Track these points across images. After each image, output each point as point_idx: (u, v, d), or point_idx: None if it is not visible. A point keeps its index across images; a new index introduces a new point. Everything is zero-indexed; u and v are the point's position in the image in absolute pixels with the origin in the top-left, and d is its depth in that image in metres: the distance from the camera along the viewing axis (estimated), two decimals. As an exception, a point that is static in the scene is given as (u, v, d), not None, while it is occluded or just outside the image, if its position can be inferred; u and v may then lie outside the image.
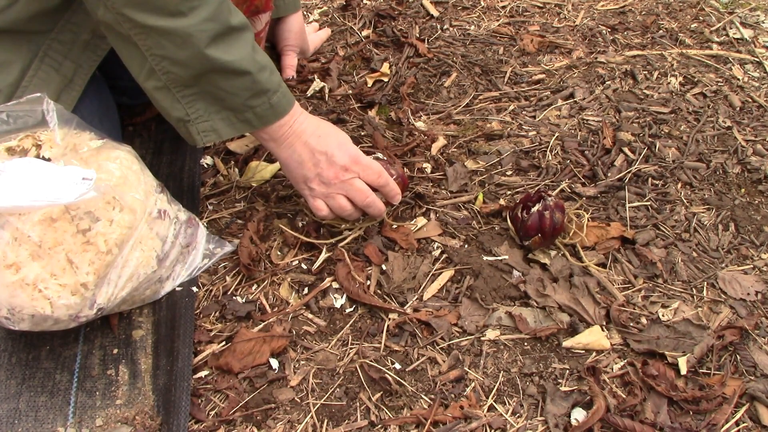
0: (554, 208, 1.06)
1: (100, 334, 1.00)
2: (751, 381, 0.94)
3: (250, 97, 0.97)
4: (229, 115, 0.99)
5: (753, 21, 1.70)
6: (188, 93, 0.96)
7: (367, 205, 1.08)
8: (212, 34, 0.91)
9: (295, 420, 0.91)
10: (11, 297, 0.85)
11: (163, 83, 0.95)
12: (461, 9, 1.74)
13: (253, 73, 0.95)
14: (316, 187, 1.06)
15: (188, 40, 0.90)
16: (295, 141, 1.04)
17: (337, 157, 1.05)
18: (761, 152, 1.31)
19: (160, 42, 0.90)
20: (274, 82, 0.99)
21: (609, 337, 1.00)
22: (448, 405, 0.91)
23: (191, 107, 0.98)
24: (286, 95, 1.01)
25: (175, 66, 0.93)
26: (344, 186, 1.05)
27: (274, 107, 1.00)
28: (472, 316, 1.02)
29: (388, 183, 1.09)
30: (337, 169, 1.05)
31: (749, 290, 1.06)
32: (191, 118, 0.98)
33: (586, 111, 1.40)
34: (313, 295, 1.05)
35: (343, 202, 1.06)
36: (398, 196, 1.11)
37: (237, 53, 0.93)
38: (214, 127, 1.00)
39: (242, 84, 0.96)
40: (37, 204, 0.84)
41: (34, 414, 0.91)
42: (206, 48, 0.91)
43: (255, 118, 1.00)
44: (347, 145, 1.07)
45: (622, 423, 0.88)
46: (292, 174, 1.07)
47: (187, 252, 1.05)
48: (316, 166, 1.05)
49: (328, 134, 1.07)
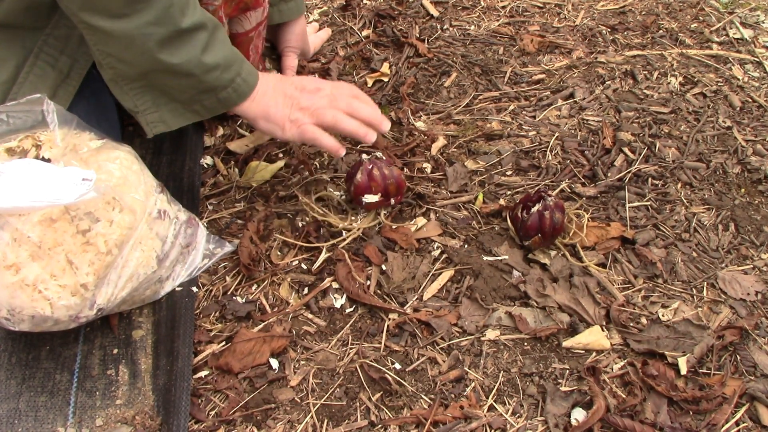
0: (554, 208, 1.06)
1: (100, 334, 1.00)
2: (751, 381, 0.94)
3: (198, 94, 0.99)
4: (177, 107, 1.01)
5: (753, 21, 1.70)
6: (136, 86, 0.97)
7: (355, 109, 1.08)
8: (157, 37, 0.91)
9: (295, 420, 0.91)
10: (11, 298, 0.85)
11: (111, 75, 0.96)
12: (461, 9, 1.74)
13: (198, 75, 0.96)
14: (299, 116, 1.06)
15: (132, 42, 0.90)
16: (264, 95, 1.05)
17: (306, 83, 1.08)
18: (761, 152, 1.31)
19: (104, 40, 0.91)
20: (225, 80, 0.99)
21: (609, 337, 1.00)
22: (448, 405, 0.91)
23: (139, 99, 0.99)
24: (238, 89, 1.01)
25: (120, 63, 0.94)
26: (323, 100, 1.07)
27: (223, 101, 1.01)
28: (472, 316, 1.02)
29: (361, 94, 1.10)
30: (311, 91, 1.07)
31: (749, 290, 1.06)
32: (140, 109, 1.00)
33: (586, 111, 1.40)
34: (313, 295, 1.05)
35: (327, 112, 1.06)
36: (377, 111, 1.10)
37: (183, 56, 0.93)
38: (163, 118, 1.01)
39: (188, 83, 0.97)
40: (37, 205, 0.84)
41: (34, 414, 0.91)
42: (150, 51, 0.91)
43: (203, 109, 1.01)
44: (309, 77, 1.10)
45: (622, 423, 0.88)
46: (273, 120, 1.06)
47: (187, 252, 1.05)
48: (291, 98, 1.06)
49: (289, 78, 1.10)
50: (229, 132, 1.37)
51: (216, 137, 1.36)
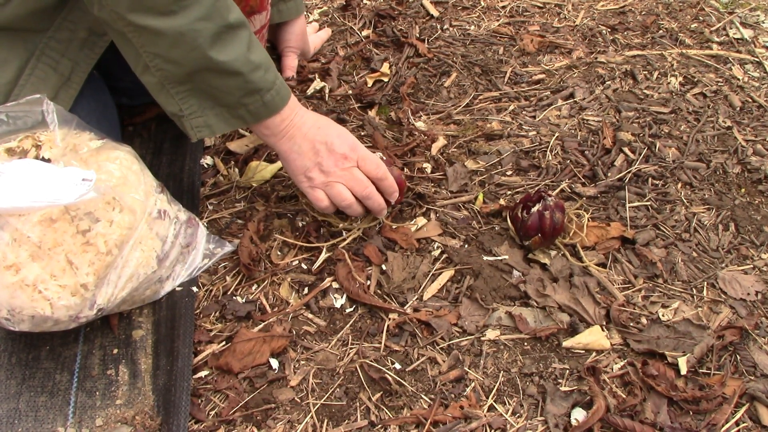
0: (554, 208, 1.06)
1: (100, 334, 1.00)
2: (751, 381, 0.94)
3: (243, 96, 0.98)
4: (222, 111, 1.00)
5: (753, 21, 1.70)
6: (182, 89, 0.97)
7: (366, 196, 1.07)
8: (207, 33, 0.90)
9: (295, 420, 0.91)
10: (11, 298, 0.85)
11: (157, 79, 0.96)
12: (461, 9, 1.74)
13: (244, 73, 0.95)
14: (316, 176, 1.05)
15: (180, 40, 0.90)
16: (296, 133, 1.04)
17: (336, 145, 1.05)
18: (761, 152, 1.31)
19: (152, 40, 0.91)
20: (268, 81, 0.98)
21: (609, 337, 1.00)
22: (448, 405, 0.91)
23: (185, 103, 0.98)
24: (280, 92, 1.01)
25: (168, 63, 0.93)
26: (344, 174, 1.05)
27: (267, 105, 1.00)
28: (472, 316, 1.02)
29: (386, 177, 1.08)
30: (336, 157, 1.04)
31: (749, 290, 1.06)
32: (185, 113, 0.99)
33: (586, 111, 1.40)
34: (313, 295, 1.05)
35: (342, 190, 1.05)
36: (396, 193, 1.10)
37: (231, 53, 0.93)
38: (208, 123, 1.00)
39: (234, 83, 0.96)
40: (37, 205, 0.84)
41: (34, 414, 0.91)
42: (200, 47, 0.91)
43: (248, 115, 1.00)
44: (347, 136, 1.07)
45: (622, 423, 0.88)
46: (291, 166, 1.07)
47: (187, 252, 1.05)
48: (316, 155, 1.04)
49: (328, 126, 1.07)
50: (229, 132, 1.37)
51: (216, 137, 1.36)
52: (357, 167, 1.06)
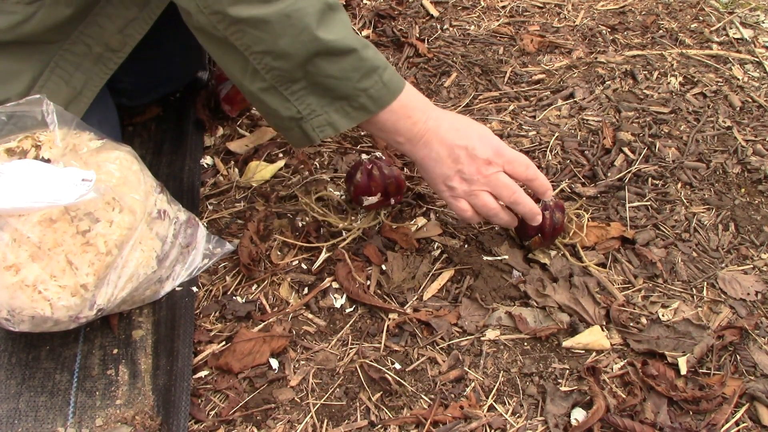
0: (554, 208, 1.06)
1: (100, 334, 1.00)
2: (751, 381, 0.94)
3: (361, 78, 0.91)
4: (342, 105, 0.93)
5: (753, 21, 1.70)
6: (297, 88, 0.92)
7: (515, 202, 0.99)
8: (312, 11, 0.86)
9: (295, 420, 0.91)
10: (11, 298, 0.85)
11: (268, 83, 0.91)
12: (461, 9, 1.74)
13: (358, 49, 0.89)
14: (457, 186, 0.98)
15: (287, 23, 0.85)
16: (432, 138, 0.97)
17: (478, 150, 0.96)
18: (761, 152, 1.31)
19: (258, 36, 0.87)
20: (381, 59, 0.92)
21: (609, 337, 1.00)
22: (448, 405, 0.91)
23: (302, 104, 0.93)
24: (395, 73, 0.94)
25: (278, 59, 0.88)
26: (488, 181, 0.97)
27: (387, 85, 0.93)
28: (472, 316, 1.02)
29: (537, 176, 1.00)
30: (479, 164, 0.97)
31: (749, 290, 1.06)
32: (303, 115, 0.93)
33: (586, 111, 1.40)
34: (313, 295, 1.05)
35: (488, 200, 0.99)
36: (549, 191, 1.03)
37: (339, 31, 0.88)
38: (330, 120, 0.94)
39: (350, 64, 0.90)
40: (37, 205, 0.84)
41: (34, 414, 0.91)
42: (309, 28, 0.86)
43: (370, 102, 0.93)
44: (489, 137, 0.99)
45: (622, 423, 0.88)
46: (429, 174, 1.00)
47: (187, 252, 1.05)
48: (456, 162, 0.97)
49: (468, 126, 0.99)
50: (229, 132, 1.37)
51: (216, 137, 1.36)
52: (503, 171, 0.99)
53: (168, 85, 1.40)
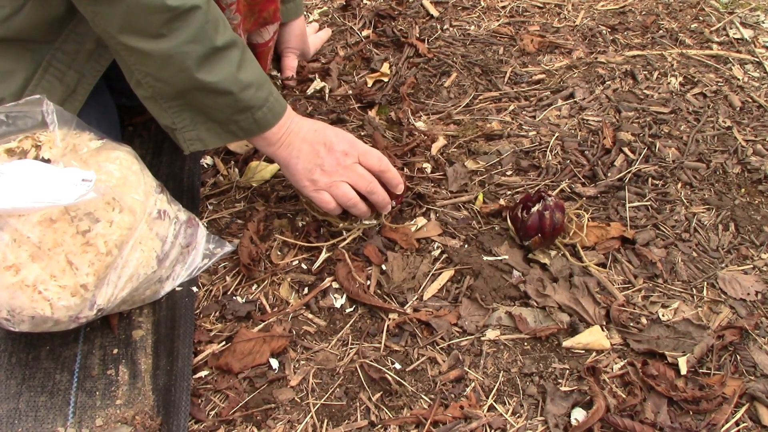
0: (554, 208, 1.06)
1: (100, 334, 1.00)
2: (751, 381, 0.94)
3: (234, 113, 0.98)
4: (214, 126, 1.01)
5: (753, 21, 1.70)
6: (174, 104, 0.98)
7: (371, 191, 1.06)
8: (194, 56, 0.91)
9: (295, 420, 0.91)
10: (11, 298, 0.85)
11: (149, 94, 0.97)
12: (461, 9, 1.74)
13: (235, 93, 0.96)
14: (319, 178, 1.05)
15: (169, 61, 0.91)
16: (294, 139, 1.05)
17: (335, 144, 1.05)
18: (761, 152, 1.31)
19: (143, 60, 0.92)
20: (260, 99, 0.99)
21: (609, 337, 1.00)
22: (448, 405, 0.91)
23: (177, 117, 0.99)
24: (273, 109, 1.01)
25: (158, 82, 0.94)
26: (346, 172, 1.05)
27: (258, 122, 1.00)
28: (472, 316, 1.02)
29: (389, 169, 1.07)
30: (337, 155, 1.04)
31: (749, 290, 1.06)
32: (177, 127, 1.00)
33: (586, 111, 1.40)
34: (313, 295, 1.05)
35: (347, 190, 1.05)
36: (401, 185, 1.09)
37: (219, 74, 0.94)
38: (200, 137, 1.01)
39: (225, 102, 0.96)
40: (37, 205, 0.84)
41: (34, 414, 0.91)
42: (188, 69, 0.92)
43: (239, 131, 1.01)
44: (344, 134, 1.07)
45: (622, 423, 0.88)
46: (292, 171, 1.06)
47: (187, 252, 1.05)
48: (317, 156, 1.04)
49: (325, 128, 1.07)
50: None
51: (216, 137, 1.36)
52: (359, 163, 1.06)
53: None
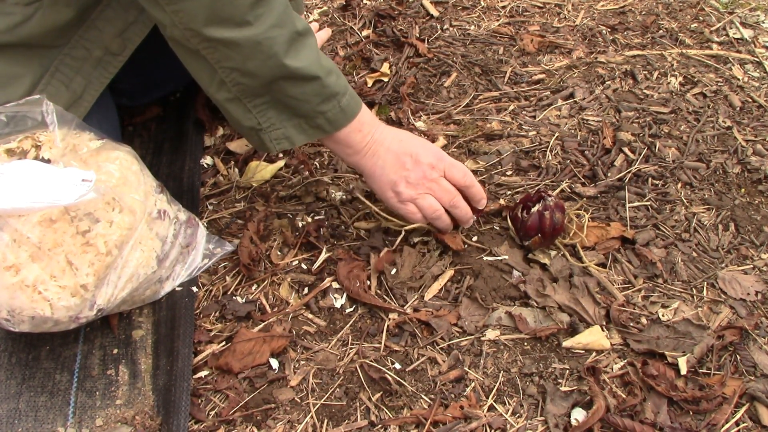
0: (554, 208, 1.06)
1: (100, 334, 1.00)
2: (751, 381, 0.94)
3: (320, 103, 0.97)
4: (300, 122, 1.00)
5: (753, 21, 1.70)
6: (259, 102, 0.97)
7: (454, 205, 1.05)
8: (281, 40, 0.90)
9: (295, 420, 0.91)
10: (11, 299, 0.85)
11: (233, 95, 0.95)
12: (461, 9, 1.74)
13: (321, 77, 0.95)
14: (404, 191, 1.04)
15: (257, 49, 0.90)
16: (378, 148, 1.04)
17: (422, 156, 1.04)
18: (761, 152, 1.31)
19: (228, 54, 0.91)
20: (342, 86, 0.98)
21: (609, 337, 1.00)
22: (448, 405, 0.91)
23: (263, 116, 0.98)
24: (354, 97, 1.00)
25: (245, 77, 0.93)
26: (431, 185, 1.04)
27: (344, 110, 0.99)
28: (472, 316, 1.02)
29: (473, 184, 1.06)
30: (424, 168, 1.03)
31: (749, 290, 1.06)
32: (263, 126, 0.99)
33: (586, 111, 1.40)
34: (313, 295, 1.05)
35: (432, 202, 1.04)
36: (484, 200, 1.09)
37: (305, 58, 0.93)
38: (287, 135, 1.00)
39: (311, 89, 0.95)
40: (37, 206, 0.84)
41: (34, 414, 0.91)
42: (276, 55, 0.90)
43: (326, 123, 1.00)
44: (430, 145, 1.07)
45: (622, 423, 0.88)
46: (377, 182, 1.05)
47: (186, 252, 1.05)
48: (402, 167, 1.03)
49: (410, 137, 1.07)
50: (229, 132, 1.37)
51: (216, 137, 1.36)
52: (444, 177, 1.05)
53: (168, 85, 1.40)
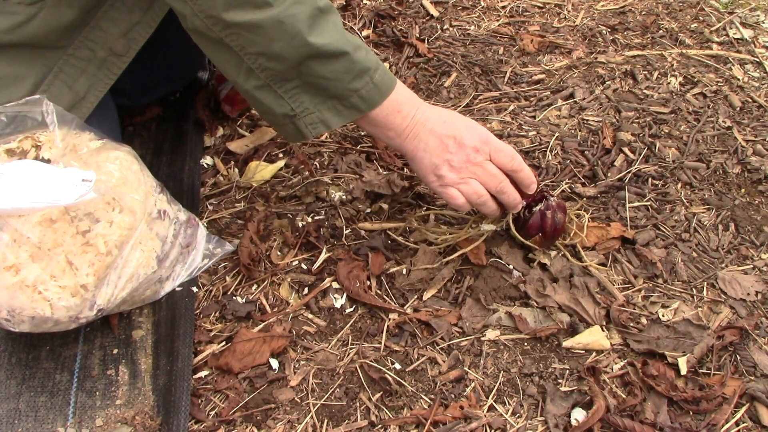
0: (556, 208, 1.06)
1: (100, 334, 1.00)
2: (751, 381, 0.94)
3: (352, 80, 0.94)
4: (335, 104, 0.96)
5: (753, 21, 1.70)
6: (290, 87, 0.94)
7: (501, 191, 1.01)
8: (303, 17, 0.88)
9: (295, 420, 0.91)
10: (11, 299, 0.85)
11: (263, 81, 0.93)
12: (461, 9, 1.74)
13: (350, 52, 0.92)
14: (446, 174, 0.99)
15: (280, 29, 0.88)
16: (420, 130, 1.00)
17: (466, 138, 0.99)
18: (761, 152, 1.31)
19: (252, 39, 0.89)
20: (373, 60, 0.95)
21: (609, 337, 1.00)
22: (448, 405, 0.91)
23: (295, 101, 0.95)
24: (387, 73, 0.96)
25: (271, 61, 0.91)
26: (476, 170, 0.99)
27: (378, 86, 0.95)
28: (473, 316, 1.02)
29: (522, 168, 1.01)
30: (468, 151, 0.99)
31: (749, 290, 1.06)
32: (296, 112, 0.96)
33: (586, 111, 1.40)
34: (313, 295, 1.05)
35: (477, 187, 1.00)
36: (534, 184, 1.04)
37: (330, 35, 0.91)
38: (322, 118, 0.97)
39: (341, 66, 0.92)
40: (37, 206, 0.84)
41: (34, 414, 0.91)
42: (300, 34, 0.88)
43: (361, 102, 0.96)
44: (476, 126, 1.01)
45: (622, 423, 0.88)
46: (419, 165, 1.01)
47: (187, 252, 1.05)
48: (445, 150, 0.99)
49: (454, 118, 1.02)
50: (229, 132, 1.37)
51: (216, 137, 1.36)
52: (490, 160, 1.00)
53: (168, 85, 1.40)
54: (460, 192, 1.01)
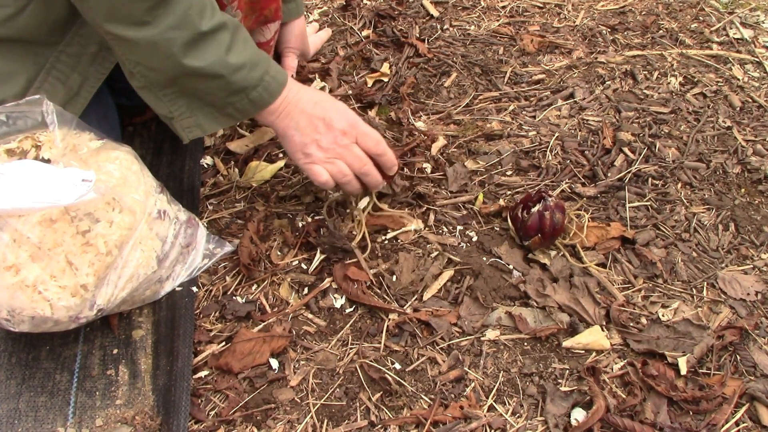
0: (554, 208, 1.06)
1: (100, 334, 1.00)
2: (751, 381, 0.94)
3: (228, 96, 0.98)
4: (211, 111, 1.00)
5: (753, 21, 1.70)
6: (168, 92, 0.98)
7: (365, 173, 1.06)
8: (179, 42, 0.91)
9: (295, 420, 0.91)
10: (11, 299, 0.85)
11: (143, 83, 0.97)
12: (461, 9, 1.74)
13: (225, 76, 0.95)
14: (314, 152, 1.04)
15: (156, 48, 0.91)
16: (293, 110, 1.04)
17: (335, 121, 1.04)
18: (761, 152, 1.31)
19: (131, 49, 0.92)
20: (254, 78, 0.98)
21: (609, 337, 1.00)
22: (448, 405, 0.91)
23: (173, 105, 0.99)
24: (268, 88, 1.00)
25: (150, 71, 0.95)
26: (342, 151, 1.04)
27: (254, 101, 1.00)
28: (472, 316, 1.02)
29: (385, 152, 1.07)
30: (335, 134, 1.04)
31: (749, 290, 1.06)
32: (174, 115, 1.00)
33: (586, 111, 1.40)
34: (313, 295, 1.05)
35: (342, 167, 1.05)
36: (395, 167, 1.10)
37: (207, 58, 0.93)
38: (198, 123, 1.01)
39: (217, 85, 0.96)
40: (37, 206, 0.84)
41: (34, 414, 0.91)
42: (174, 56, 0.91)
43: (236, 112, 1.01)
44: (345, 111, 1.06)
45: (622, 423, 0.88)
46: (289, 143, 1.06)
47: (187, 252, 1.05)
48: (315, 131, 1.04)
49: (326, 101, 1.06)
50: (229, 132, 1.37)
51: (216, 137, 1.36)
52: (356, 143, 1.05)
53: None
54: (326, 170, 1.05)
